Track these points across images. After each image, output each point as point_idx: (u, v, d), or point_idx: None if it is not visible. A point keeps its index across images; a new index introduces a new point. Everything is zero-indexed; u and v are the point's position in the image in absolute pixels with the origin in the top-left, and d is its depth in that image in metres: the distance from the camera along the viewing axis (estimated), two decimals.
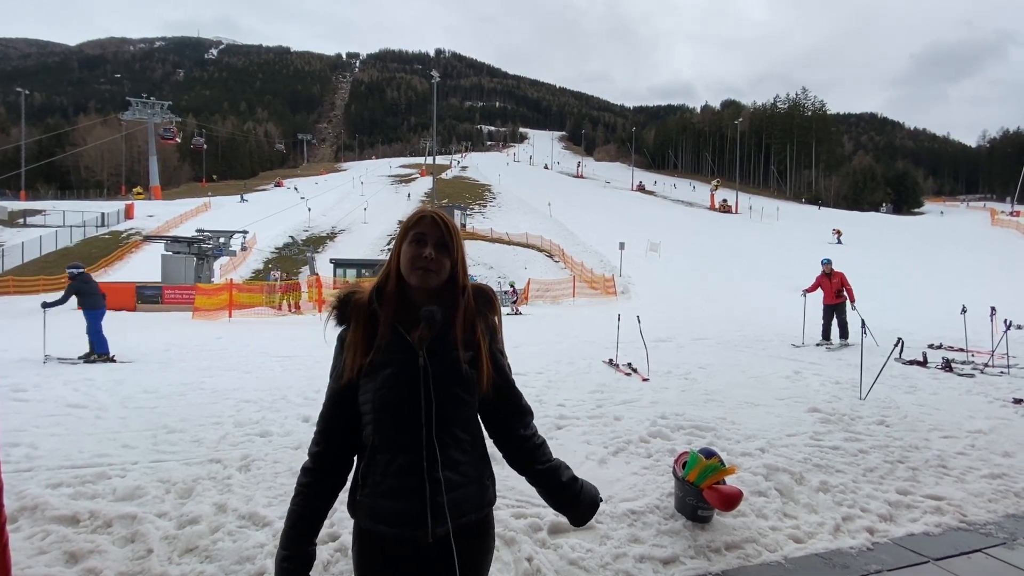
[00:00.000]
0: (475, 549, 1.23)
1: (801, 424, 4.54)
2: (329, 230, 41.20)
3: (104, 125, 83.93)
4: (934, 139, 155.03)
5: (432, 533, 1.15)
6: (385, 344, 1.18)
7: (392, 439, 1.18)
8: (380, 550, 1.20)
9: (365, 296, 1.23)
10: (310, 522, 1.22)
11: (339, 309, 1.24)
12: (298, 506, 1.22)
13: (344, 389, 1.21)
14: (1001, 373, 6.74)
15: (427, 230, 1.20)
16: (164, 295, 19.28)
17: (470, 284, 1.27)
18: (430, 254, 1.18)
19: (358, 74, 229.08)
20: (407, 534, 1.16)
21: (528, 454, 1.32)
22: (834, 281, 9.18)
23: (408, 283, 1.21)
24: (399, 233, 1.25)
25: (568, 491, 1.31)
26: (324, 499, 1.24)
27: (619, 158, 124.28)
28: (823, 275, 9.38)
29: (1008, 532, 2.89)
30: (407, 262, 1.20)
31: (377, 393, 1.17)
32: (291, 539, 1.20)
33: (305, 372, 6.41)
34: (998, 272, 26.70)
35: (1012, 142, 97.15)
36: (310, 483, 1.23)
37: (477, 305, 1.26)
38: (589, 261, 29.43)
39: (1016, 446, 4.13)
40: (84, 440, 3.84)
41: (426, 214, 1.23)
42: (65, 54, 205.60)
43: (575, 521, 1.33)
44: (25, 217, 41.27)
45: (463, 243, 1.26)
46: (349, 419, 1.22)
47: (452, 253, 1.22)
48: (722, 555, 2.63)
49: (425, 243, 1.19)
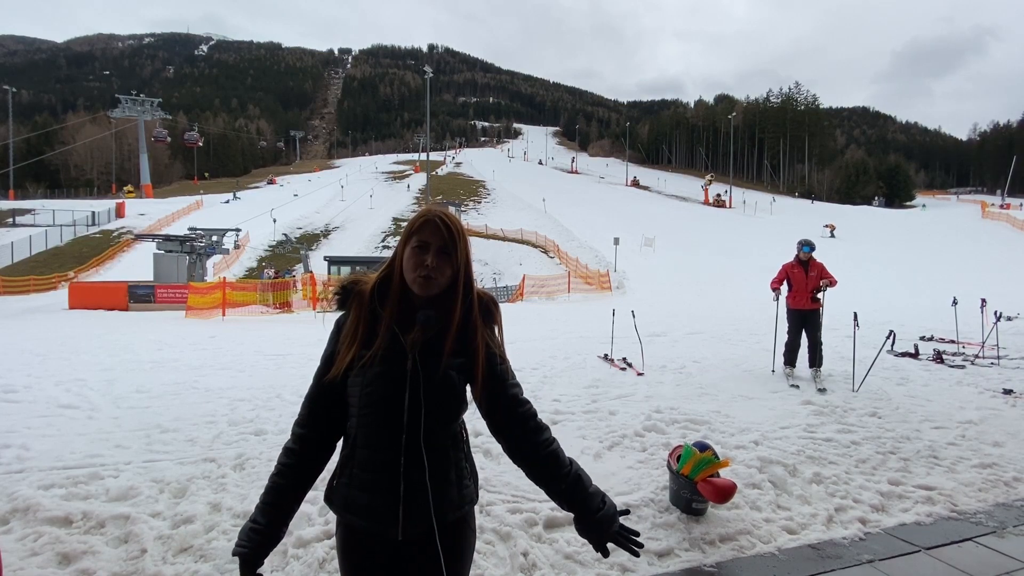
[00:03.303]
0: (453, 548, 1.23)
1: (794, 416, 4.57)
2: (323, 227, 41.03)
3: (93, 123, 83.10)
4: (926, 133, 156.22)
5: (403, 531, 1.16)
6: (380, 343, 1.18)
7: (374, 436, 1.18)
8: (358, 542, 1.22)
9: (367, 288, 1.22)
10: (287, 500, 1.22)
11: (341, 296, 1.25)
12: (276, 484, 1.22)
13: (333, 378, 1.21)
14: (991, 364, 6.81)
15: (430, 237, 1.18)
16: (157, 294, 19.12)
17: (476, 290, 1.24)
18: (431, 263, 1.16)
19: (350, 70, 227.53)
20: (377, 529, 1.18)
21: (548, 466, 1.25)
22: (811, 275, 6.11)
23: (408, 286, 1.21)
24: (403, 233, 1.23)
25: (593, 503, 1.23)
26: (303, 481, 1.24)
27: (613, 153, 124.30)
28: (796, 263, 6.25)
29: (998, 521, 2.93)
30: (409, 269, 1.19)
31: (364, 390, 1.17)
32: (263, 513, 1.20)
33: (299, 370, 6.38)
34: (988, 264, 26.96)
35: (1003, 135, 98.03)
36: (291, 464, 1.23)
37: (479, 313, 1.24)
38: (584, 257, 29.47)
39: (1006, 436, 4.18)
40: (76, 441, 3.81)
41: (430, 217, 1.19)
42: (52, 51, 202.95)
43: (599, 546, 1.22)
44: (14, 217, 40.78)
45: (469, 246, 1.23)
46: (335, 406, 1.23)
47: (455, 259, 1.19)
48: (716, 547, 2.65)
49: (427, 250, 1.17)
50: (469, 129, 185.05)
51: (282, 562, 2.40)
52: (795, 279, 6.24)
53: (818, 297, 6.14)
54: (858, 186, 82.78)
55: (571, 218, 40.60)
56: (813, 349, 6.06)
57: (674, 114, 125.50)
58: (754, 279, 23.91)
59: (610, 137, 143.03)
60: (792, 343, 6.25)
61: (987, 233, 39.01)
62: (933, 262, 28.36)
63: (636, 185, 75.82)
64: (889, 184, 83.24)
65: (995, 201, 57.55)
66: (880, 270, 25.80)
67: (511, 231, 36.80)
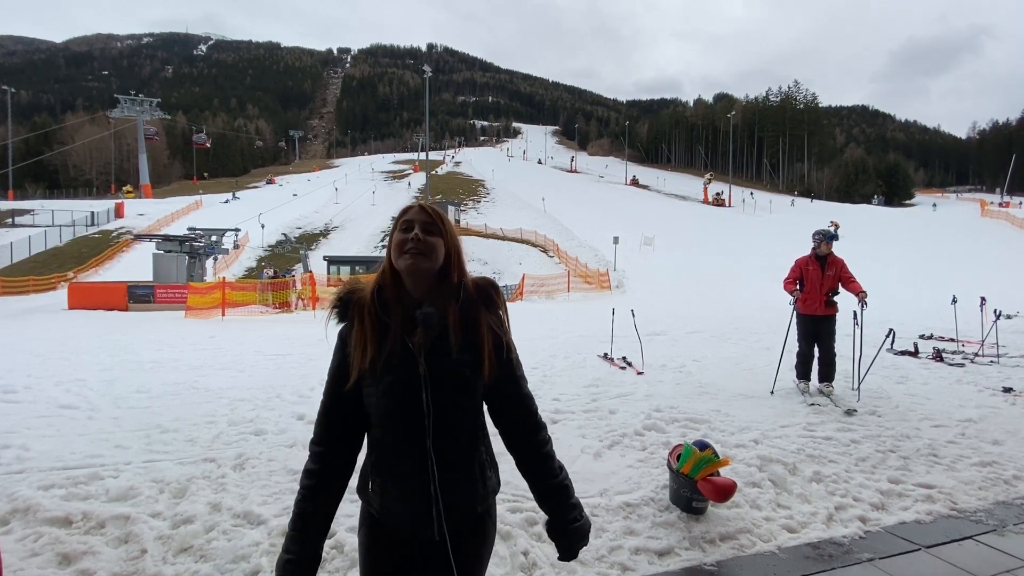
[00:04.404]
0: (476, 542, 1.25)
1: (794, 415, 4.57)
2: (322, 227, 41.00)
3: (92, 123, 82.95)
4: (925, 131, 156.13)
5: (439, 531, 1.17)
6: (388, 351, 1.17)
7: (398, 444, 1.19)
8: (388, 541, 1.22)
9: (367, 295, 1.21)
10: (317, 522, 1.21)
11: (339, 308, 1.23)
12: (303, 507, 1.21)
13: (346, 391, 1.19)
14: (991, 362, 6.81)
15: (413, 216, 1.20)
16: (156, 294, 19.11)
17: (469, 278, 1.24)
18: (417, 235, 1.16)
19: (349, 70, 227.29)
20: (416, 532, 1.19)
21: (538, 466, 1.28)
22: (828, 274, 5.28)
23: (403, 281, 1.19)
24: (389, 233, 1.24)
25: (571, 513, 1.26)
26: (331, 498, 1.23)
27: (612, 152, 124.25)
28: (811, 258, 5.39)
29: (998, 519, 2.93)
30: (395, 248, 1.18)
31: (380, 400, 1.17)
32: (295, 540, 1.19)
33: (299, 370, 6.37)
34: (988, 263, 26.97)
35: (1002, 133, 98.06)
36: (315, 485, 1.21)
37: (479, 301, 1.22)
38: (583, 256, 29.47)
39: (1005, 434, 4.18)
40: (76, 441, 3.81)
41: (412, 206, 1.23)
42: (51, 51, 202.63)
43: (565, 553, 1.27)
44: (13, 217, 40.73)
45: (456, 234, 1.24)
46: (351, 417, 1.22)
47: (445, 239, 1.19)
48: (717, 546, 2.65)
49: (412, 227, 1.18)
50: (468, 128, 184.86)
51: None
52: (809, 278, 5.33)
53: (834, 301, 5.30)
54: (857, 185, 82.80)
55: (571, 217, 40.60)
56: (826, 363, 5.30)
57: (673, 113, 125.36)
58: (754, 278, 23.96)
59: (609, 136, 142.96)
60: (805, 354, 5.44)
61: (986, 231, 39.03)
62: (932, 260, 28.38)
63: (635, 184, 75.78)
64: (888, 183, 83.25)
65: (994, 199, 57.61)
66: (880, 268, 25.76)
67: (511, 230, 36.78)
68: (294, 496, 1.24)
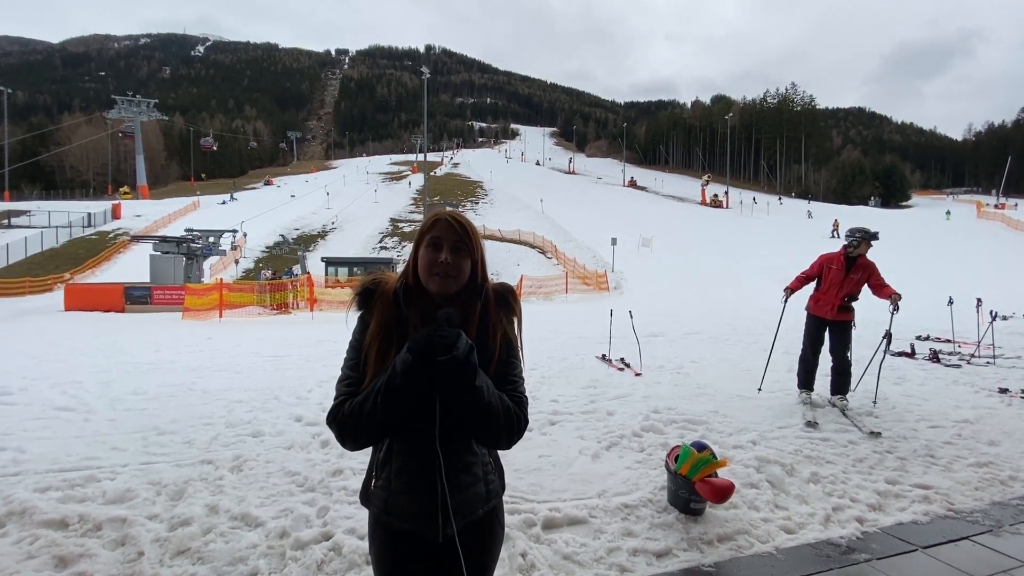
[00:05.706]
0: (484, 541, 1.27)
1: (792, 416, 4.58)
2: (320, 228, 40.93)
3: (89, 124, 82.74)
4: (921, 133, 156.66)
5: (443, 533, 1.18)
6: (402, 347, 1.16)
7: (409, 441, 1.19)
8: (396, 542, 1.23)
9: (390, 289, 1.22)
10: None
11: (364, 296, 1.24)
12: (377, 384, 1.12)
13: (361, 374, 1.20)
14: (987, 363, 6.84)
15: (442, 233, 1.19)
16: (153, 296, 19.06)
17: (490, 283, 1.26)
18: (446, 259, 1.17)
19: (347, 71, 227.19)
20: (419, 530, 1.19)
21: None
22: (852, 277, 4.73)
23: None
24: (416, 236, 1.24)
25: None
26: None
27: (610, 154, 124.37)
28: (840, 256, 4.82)
29: (994, 519, 2.94)
30: (424, 268, 1.19)
31: None
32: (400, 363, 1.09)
33: (296, 372, 6.36)
34: (984, 264, 27.07)
35: (997, 135, 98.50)
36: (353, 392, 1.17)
37: (496, 306, 1.24)
38: (582, 257, 29.46)
39: (1002, 435, 4.20)
40: (72, 443, 3.79)
41: (440, 217, 1.21)
42: (48, 52, 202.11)
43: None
44: (9, 218, 40.59)
45: (481, 243, 1.24)
46: None
47: (472, 254, 1.20)
48: (715, 547, 2.65)
49: (441, 247, 1.18)
50: (466, 130, 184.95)
51: (280, 564, 2.39)
52: (828, 278, 4.80)
53: (850, 306, 4.76)
54: (854, 186, 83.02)
55: (569, 218, 40.58)
56: (839, 373, 4.80)
57: (671, 115, 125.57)
58: (752, 279, 23.99)
59: (607, 138, 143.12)
60: (807, 359, 4.94)
61: (983, 233, 39.16)
62: (929, 262, 28.44)
63: (633, 185, 75.82)
64: (885, 184, 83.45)
65: (990, 201, 57.80)
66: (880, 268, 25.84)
67: (509, 232, 36.75)
68: (292, 498, 1.24)
